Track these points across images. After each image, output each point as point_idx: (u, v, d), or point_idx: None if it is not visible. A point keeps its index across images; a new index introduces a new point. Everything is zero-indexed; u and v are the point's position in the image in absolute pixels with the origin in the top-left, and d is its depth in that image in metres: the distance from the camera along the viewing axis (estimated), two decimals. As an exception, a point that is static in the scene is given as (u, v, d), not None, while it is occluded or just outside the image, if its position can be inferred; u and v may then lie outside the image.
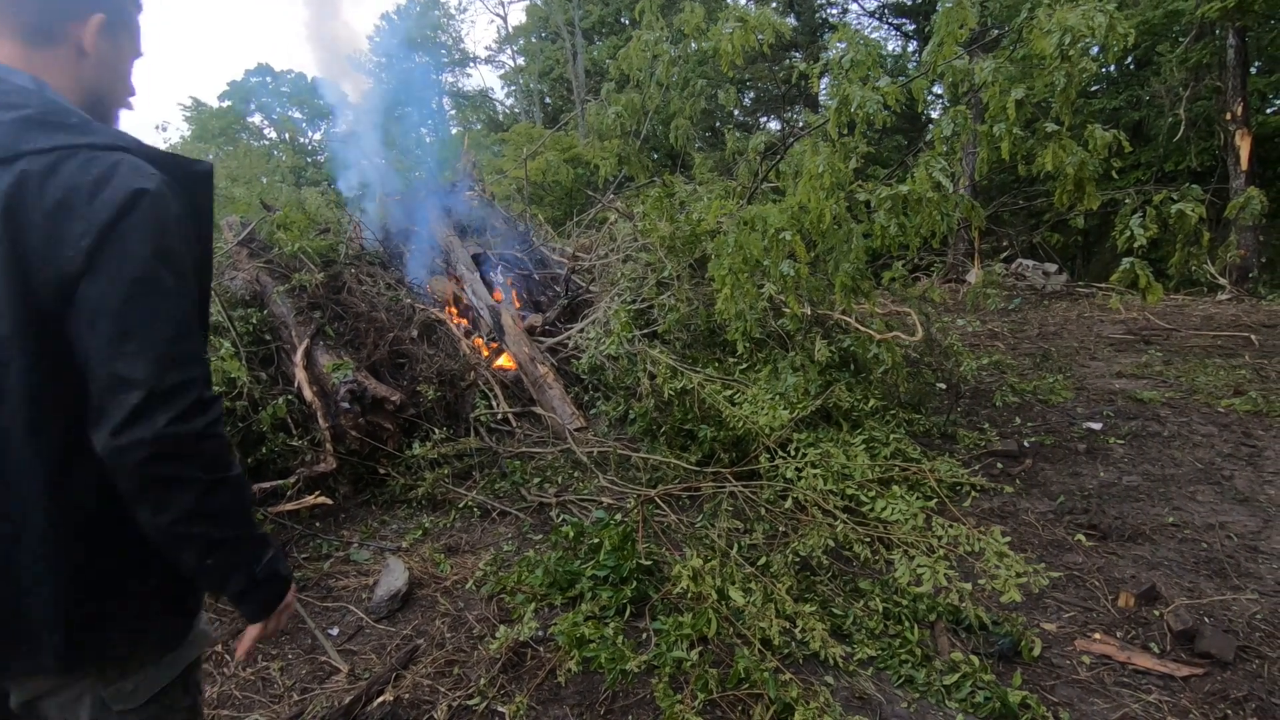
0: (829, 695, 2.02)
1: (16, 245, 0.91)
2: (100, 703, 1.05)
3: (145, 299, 0.94)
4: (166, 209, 0.98)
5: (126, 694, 1.06)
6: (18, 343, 0.92)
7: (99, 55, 1.11)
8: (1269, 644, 2.25)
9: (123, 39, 1.15)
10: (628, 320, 4.82)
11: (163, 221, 0.97)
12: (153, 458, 0.94)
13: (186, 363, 0.98)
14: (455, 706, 2.09)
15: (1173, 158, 12.92)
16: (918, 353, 4.90)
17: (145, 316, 0.94)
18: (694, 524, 3.22)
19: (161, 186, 0.99)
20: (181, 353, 0.97)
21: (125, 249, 0.93)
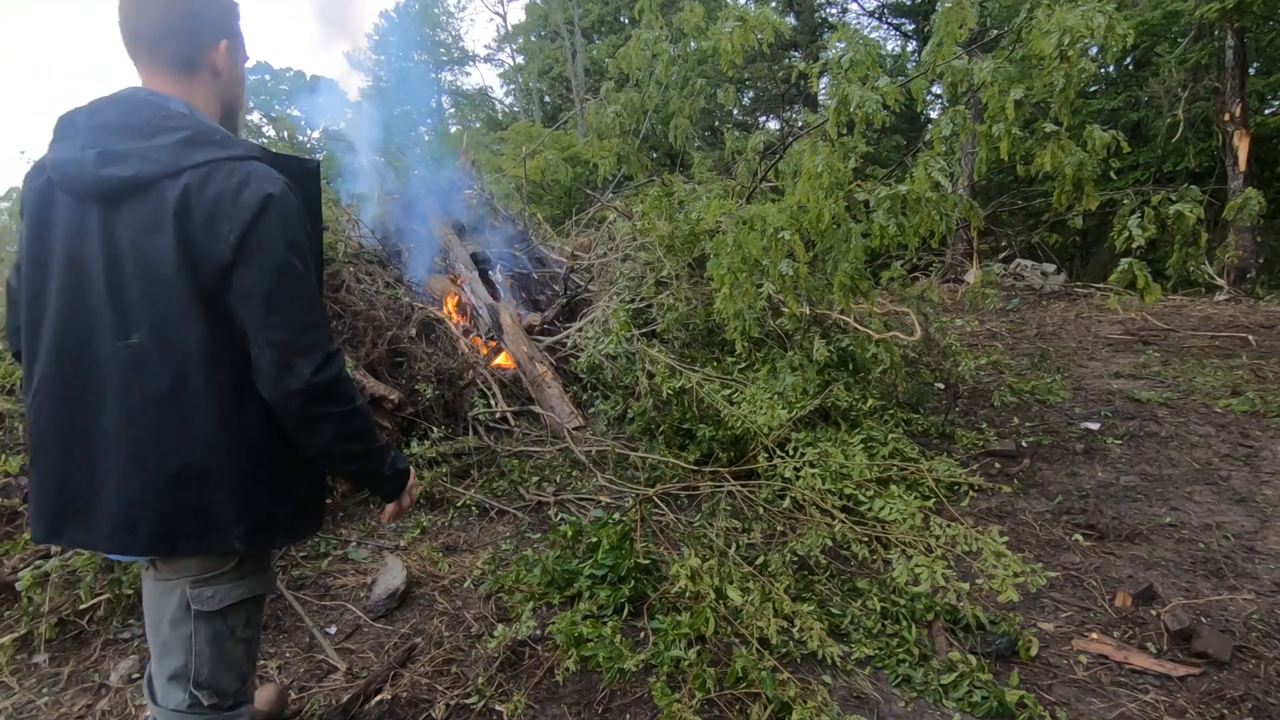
0: (826, 694, 2.03)
1: (186, 243, 1.19)
2: (185, 601, 1.37)
3: (283, 281, 1.23)
4: (289, 207, 1.25)
5: (205, 599, 1.37)
6: (196, 317, 1.23)
7: (228, 74, 1.38)
8: (1265, 644, 2.26)
9: (239, 55, 1.40)
10: (626, 319, 4.82)
11: (288, 218, 1.25)
12: (306, 401, 1.25)
13: (316, 326, 1.27)
14: (453, 705, 2.09)
15: (1171, 158, 12.94)
16: (916, 352, 4.90)
17: (284, 294, 1.23)
18: (692, 523, 3.22)
19: (284, 189, 1.26)
20: (312, 319, 1.26)
21: (265, 244, 1.21)
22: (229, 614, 1.39)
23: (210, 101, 1.36)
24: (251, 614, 1.45)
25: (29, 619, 2.58)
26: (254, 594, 1.43)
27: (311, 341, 1.25)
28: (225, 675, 1.42)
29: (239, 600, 1.39)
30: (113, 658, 2.49)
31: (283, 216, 1.24)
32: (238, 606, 1.40)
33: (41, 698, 2.29)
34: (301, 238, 1.27)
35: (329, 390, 1.27)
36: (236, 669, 1.44)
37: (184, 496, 1.26)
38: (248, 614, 1.44)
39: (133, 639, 2.60)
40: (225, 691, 1.43)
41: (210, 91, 1.35)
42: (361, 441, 1.36)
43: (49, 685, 2.36)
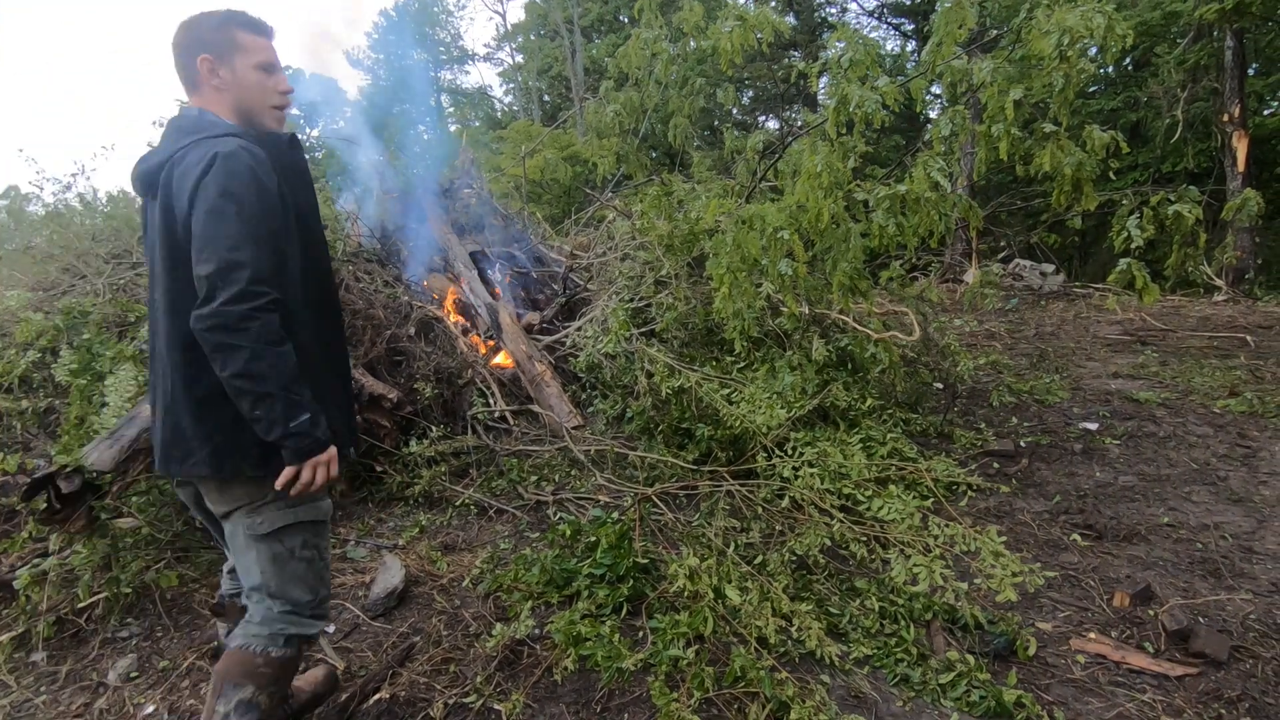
0: (825, 694, 2.03)
1: (167, 210, 1.50)
2: (246, 529, 1.61)
3: (212, 219, 1.43)
4: (236, 163, 1.46)
5: (257, 525, 1.60)
6: (166, 269, 1.53)
7: (226, 81, 1.63)
8: (1263, 644, 2.26)
9: (241, 66, 1.63)
10: (625, 319, 4.82)
11: (232, 170, 1.46)
12: (211, 329, 1.41)
13: (240, 266, 1.42)
14: (451, 704, 2.09)
15: (1170, 159, 12.95)
16: (915, 352, 4.90)
17: (212, 233, 1.43)
18: (691, 522, 3.22)
19: (236, 149, 1.48)
20: (236, 259, 1.42)
21: (205, 191, 1.44)
22: (283, 536, 1.62)
23: (220, 105, 1.64)
24: (307, 537, 1.66)
25: (27, 617, 2.58)
26: (300, 520, 1.64)
27: (234, 276, 1.41)
28: (293, 588, 1.66)
29: (287, 524, 1.62)
30: (111, 656, 2.48)
31: (226, 169, 1.45)
32: (288, 530, 1.63)
33: (39, 696, 2.29)
34: (241, 190, 1.46)
35: (238, 322, 1.40)
36: (303, 583, 1.67)
37: (169, 426, 1.57)
38: (302, 537, 1.65)
39: (130, 638, 2.60)
40: (298, 602, 1.67)
41: (217, 98, 1.64)
42: (262, 385, 1.43)
43: (47, 683, 2.36)
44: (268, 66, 1.66)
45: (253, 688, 1.61)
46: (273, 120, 1.69)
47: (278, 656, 1.64)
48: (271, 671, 1.64)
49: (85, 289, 4.73)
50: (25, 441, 3.76)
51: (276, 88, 1.68)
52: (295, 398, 1.48)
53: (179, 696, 2.24)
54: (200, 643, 2.53)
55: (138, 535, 2.86)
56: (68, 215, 6.64)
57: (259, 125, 1.67)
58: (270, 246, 1.49)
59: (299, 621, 1.67)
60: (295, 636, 1.67)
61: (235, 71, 1.62)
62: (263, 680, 1.62)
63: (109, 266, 5.00)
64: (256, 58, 1.64)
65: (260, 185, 1.49)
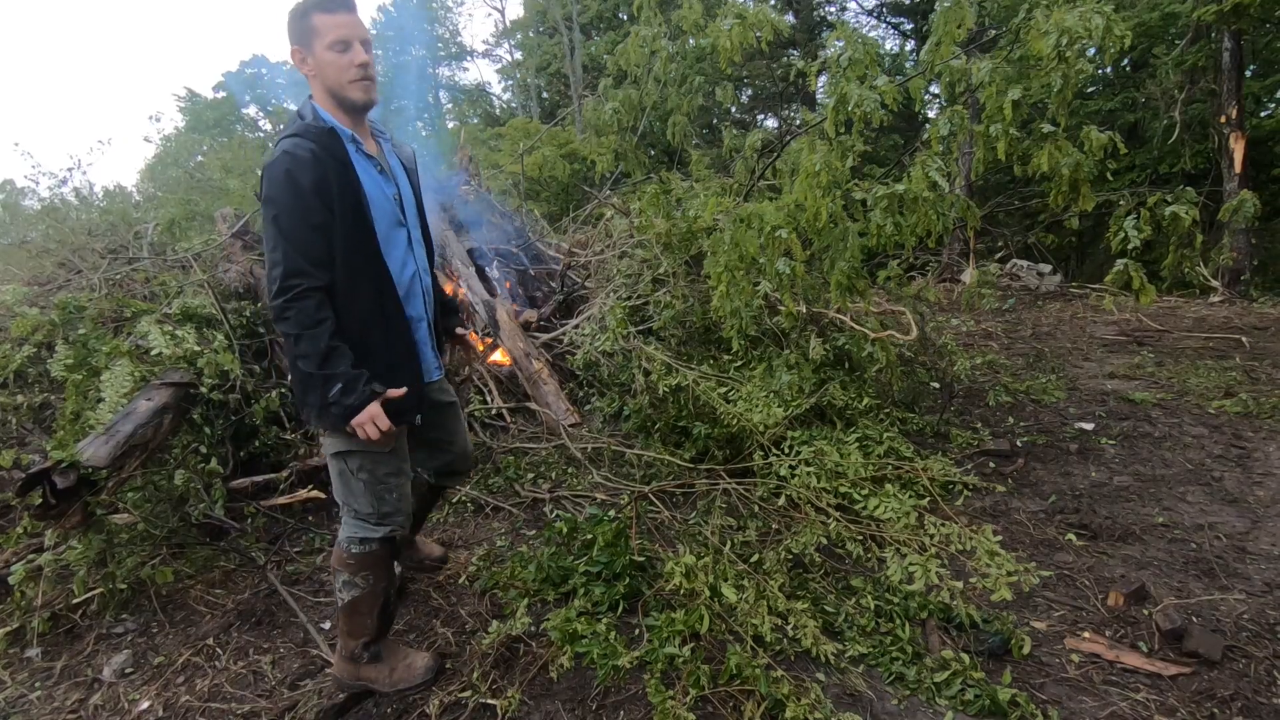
0: (820, 692, 2.03)
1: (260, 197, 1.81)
2: (323, 449, 2.02)
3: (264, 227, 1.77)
4: (275, 170, 1.71)
5: (327, 447, 1.98)
6: None
7: (313, 67, 1.80)
8: (1256, 644, 2.27)
9: (319, 49, 1.77)
10: (623, 316, 4.81)
11: (271, 179, 1.72)
12: (273, 318, 1.79)
13: (275, 265, 1.71)
14: (447, 701, 2.09)
15: (1167, 160, 12.97)
16: (912, 352, 4.91)
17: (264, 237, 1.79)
18: (687, 521, 3.23)
19: (278, 156, 1.73)
20: (274, 259, 1.72)
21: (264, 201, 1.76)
22: (345, 458, 1.94)
23: (317, 91, 1.83)
24: (362, 461, 1.94)
25: (22, 613, 2.57)
26: (352, 448, 1.92)
27: (273, 275, 1.72)
28: (355, 500, 2.00)
29: (344, 450, 1.93)
30: (106, 652, 2.48)
31: (268, 178, 1.73)
32: (346, 454, 1.94)
33: (34, 692, 2.29)
34: (279, 193, 1.71)
35: (280, 314, 1.72)
36: (364, 497, 1.98)
37: None
38: (358, 461, 1.94)
39: (126, 634, 2.59)
40: (360, 512, 2.00)
41: (315, 85, 1.83)
42: (307, 364, 1.75)
43: (41, 679, 2.35)
44: (340, 44, 1.76)
45: (346, 574, 2.02)
46: (357, 93, 1.79)
47: (357, 552, 2.00)
48: (355, 563, 2.01)
49: (81, 284, 4.71)
50: (20, 437, 3.75)
51: (352, 61, 1.76)
52: (328, 373, 1.74)
53: (174, 693, 2.24)
54: (195, 638, 2.52)
55: (133, 531, 2.86)
56: (64, 210, 6.61)
57: (347, 101, 1.81)
58: (305, 240, 1.72)
59: (364, 527, 2.01)
60: (366, 539, 2.00)
61: (316, 56, 1.77)
62: (351, 569, 2.01)
63: (105, 261, 4.99)
64: (329, 37, 1.76)
65: (295, 187, 1.69)
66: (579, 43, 23.86)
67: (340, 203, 1.74)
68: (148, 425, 2.90)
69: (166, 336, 3.48)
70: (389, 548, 2.05)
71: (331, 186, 1.72)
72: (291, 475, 3.48)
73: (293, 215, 1.70)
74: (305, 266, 1.71)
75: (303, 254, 1.71)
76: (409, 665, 2.14)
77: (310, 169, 1.69)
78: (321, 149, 1.72)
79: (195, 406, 3.36)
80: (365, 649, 2.09)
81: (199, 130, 26.72)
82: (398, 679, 2.11)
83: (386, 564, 2.06)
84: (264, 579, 2.90)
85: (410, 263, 1.99)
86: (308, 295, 1.71)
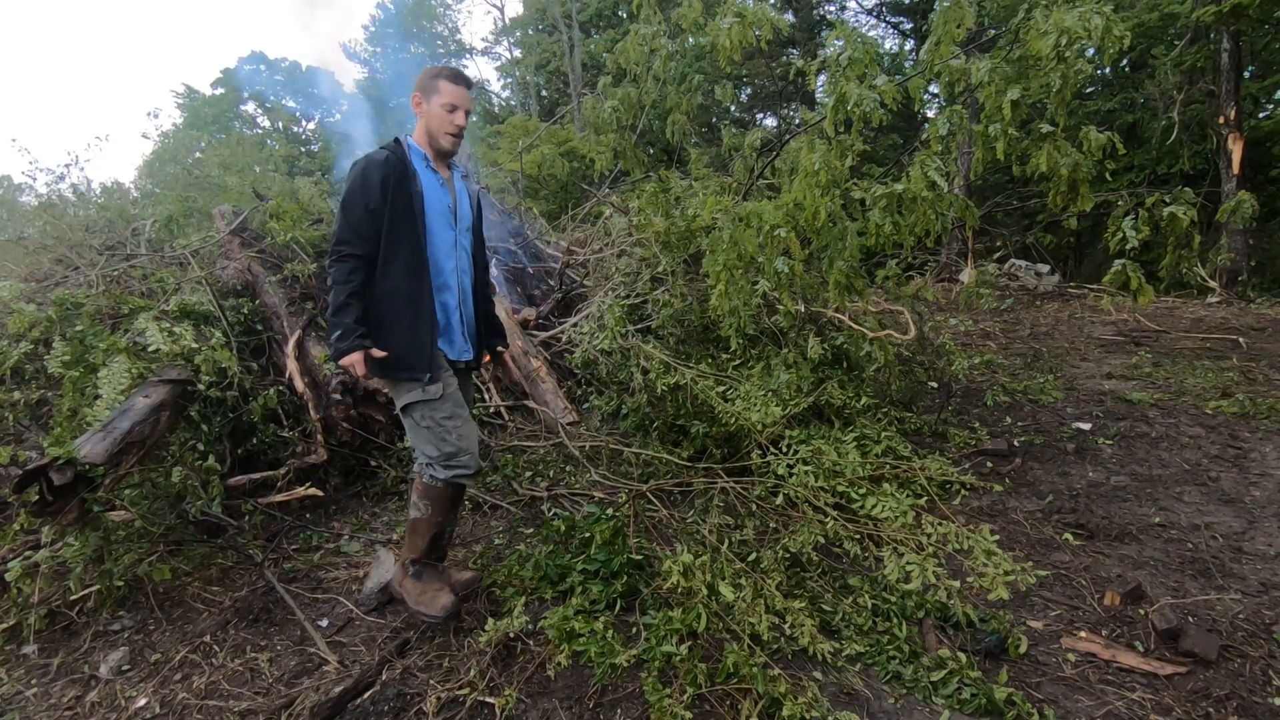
0: (817, 690, 2.03)
1: None
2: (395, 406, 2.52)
3: (338, 209, 2.35)
4: (354, 168, 2.34)
5: (395, 403, 2.47)
6: None
7: (424, 112, 2.46)
8: (1251, 643, 2.28)
9: (434, 103, 2.41)
10: (621, 315, 4.81)
11: (352, 177, 2.33)
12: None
13: (338, 240, 2.30)
14: (445, 699, 2.09)
15: (1165, 160, 12.99)
16: (910, 351, 4.92)
17: (337, 216, 2.36)
18: (685, 519, 3.23)
19: (357, 160, 2.37)
20: (338, 235, 2.30)
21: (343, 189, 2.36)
22: (409, 411, 2.40)
23: (418, 131, 2.49)
24: (425, 411, 2.37)
25: (18, 609, 2.57)
26: (410, 400, 2.36)
27: (331, 238, 2.36)
28: (423, 445, 2.43)
29: (407, 403, 2.38)
30: (102, 649, 2.48)
31: (350, 172, 2.35)
32: (409, 406, 2.39)
33: (30, 689, 2.28)
34: (350, 182, 2.31)
35: (326, 270, 2.63)
36: (430, 444, 2.40)
37: None
38: (420, 411, 2.37)
39: (122, 630, 2.59)
40: (429, 455, 2.42)
41: (420, 122, 2.49)
42: (329, 309, 2.31)
43: (38, 676, 2.35)
44: (450, 106, 2.40)
45: (415, 496, 2.49)
46: (447, 142, 2.44)
47: (425, 482, 2.45)
48: (423, 490, 2.45)
49: (78, 280, 4.70)
50: (17, 433, 3.74)
51: (453, 121, 2.42)
52: (334, 320, 2.26)
53: (171, 690, 2.24)
54: (192, 636, 2.52)
55: (130, 528, 2.85)
56: (61, 206, 6.60)
57: (437, 144, 2.44)
58: (361, 218, 2.27)
59: (433, 468, 2.43)
60: (434, 477, 2.43)
61: (430, 107, 2.42)
62: (419, 493, 2.47)
63: (102, 258, 4.98)
64: (445, 99, 2.40)
65: (365, 179, 2.28)
66: (578, 40, 23.82)
67: (396, 195, 2.30)
68: (145, 422, 2.89)
69: (164, 333, 3.47)
70: (451, 491, 2.47)
71: (391, 182, 2.29)
72: (289, 473, 3.48)
73: (355, 198, 2.28)
74: (352, 237, 2.27)
75: (353, 228, 2.27)
76: (434, 598, 2.43)
77: (380, 168, 2.29)
78: (394, 156, 2.34)
79: (193, 403, 3.36)
80: (412, 564, 2.51)
81: (197, 127, 26.66)
82: (419, 603, 2.43)
83: (446, 502, 2.48)
84: (261, 576, 2.90)
85: (452, 259, 2.47)
86: (346, 259, 2.27)
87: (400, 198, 2.32)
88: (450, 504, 2.50)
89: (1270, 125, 12.23)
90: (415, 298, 2.37)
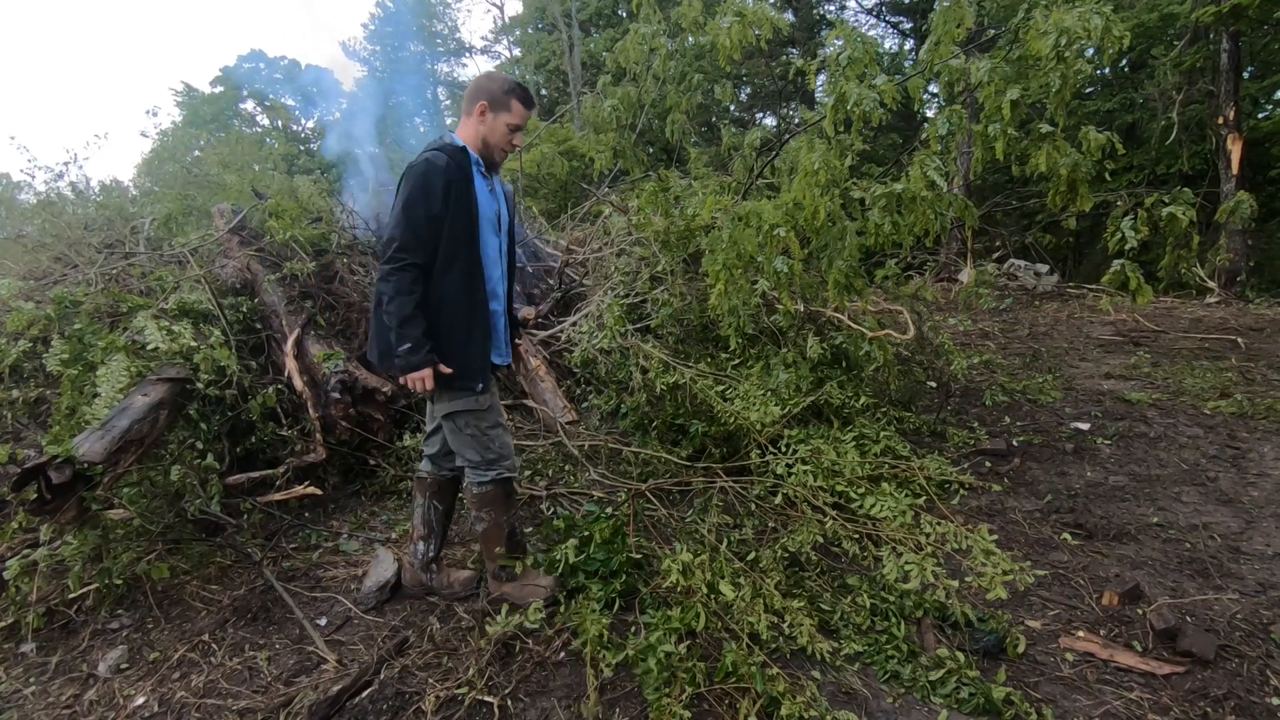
0: (815, 690, 2.04)
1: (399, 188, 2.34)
2: (436, 412, 2.53)
3: (393, 209, 2.31)
4: (414, 172, 2.27)
5: (436, 410, 2.51)
6: None
7: (487, 123, 2.41)
8: (1249, 643, 2.28)
9: (501, 119, 2.41)
10: (621, 314, 4.81)
11: (410, 177, 2.27)
12: (377, 279, 2.28)
13: (393, 240, 2.24)
14: (443, 697, 2.09)
15: (1165, 161, 13.00)
16: (909, 351, 4.92)
17: (390, 216, 2.32)
18: (684, 519, 3.23)
19: (422, 161, 2.29)
20: (393, 235, 2.25)
21: (400, 190, 2.31)
22: (453, 417, 2.43)
23: (470, 133, 2.42)
24: (468, 419, 2.41)
25: (16, 608, 2.57)
26: (459, 409, 2.40)
27: (386, 246, 2.27)
28: (466, 451, 2.47)
29: (451, 411, 2.41)
30: (101, 648, 2.48)
31: (409, 175, 2.28)
32: (453, 414, 2.42)
33: (28, 687, 2.28)
34: (413, 189, 2.25)
35: (384, 276, 2.24)
36: (472, 449, 2.45)
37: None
38: (464, 419, 2.41)
39: (121, 629, 2.59)
40: (472, 460, 2.47)
41: (474, 129, 2.42)
42: (391, 320, 2.25)
43: (36, 675, 2.35)
44: (515, 128, 2.43)
45: (475, 510, 2.55)
46: (499, 157, 2.47)
47: (476, 493, 2.50)
48: (478, 501, 2.52)
49: (77, 278, 4.69)
50: (16, 431, 3.74)
51: (511, 141, 2.46)
52: (403, 332, 2.22)
53: (169, 688, 2.24)
54: (191, 634, 2.52)
55: (129, 527, 2.85)
56: (60, 204, 6.59)
57: (489, 157, 2.45)
58: (420, 228, 2.23)
59: (476, 473, 2.48)
60: (480, 482, 2.48)
61: (495, 121, 2.40)
62: (476, 506, 2.53)
63: (101, 256, 4.97)
64: (513, 119, 2.41)
65: (428, 184, 2.23)
66: (578, 39, 23.80)
67: (456, 203, 2.28)
68: (144, 421, 2.89)
69: (163, 332, 3.47)
70: (501, 488, 2.51)
71: (452, 190, 2.27)
72: (288, 471, 3.48)
73: (418, 204, 2.23)
74: (413, 245, 2.23)
75: (414, 234, 2.23)
76: (535, 589, 2.55)
77: (442, 174, 2.25)
78: (454, 163, 2.29)
79: (191, 402, 3.35)
80: (502, 570, 2.58)
81: (196, 125, 26.62)
82: (526, 597, 2.53)
83: (502, 501, 2.54)
84: (260, 575, 2.90)
85: (498, 266, 2.49)
86: (408, 269, 2.22)
87: (461, 206, 2.29)
88: (507, 500, 2.55)
89: (1269, 126, 12.24)
90: (471, 308, 2.37)
